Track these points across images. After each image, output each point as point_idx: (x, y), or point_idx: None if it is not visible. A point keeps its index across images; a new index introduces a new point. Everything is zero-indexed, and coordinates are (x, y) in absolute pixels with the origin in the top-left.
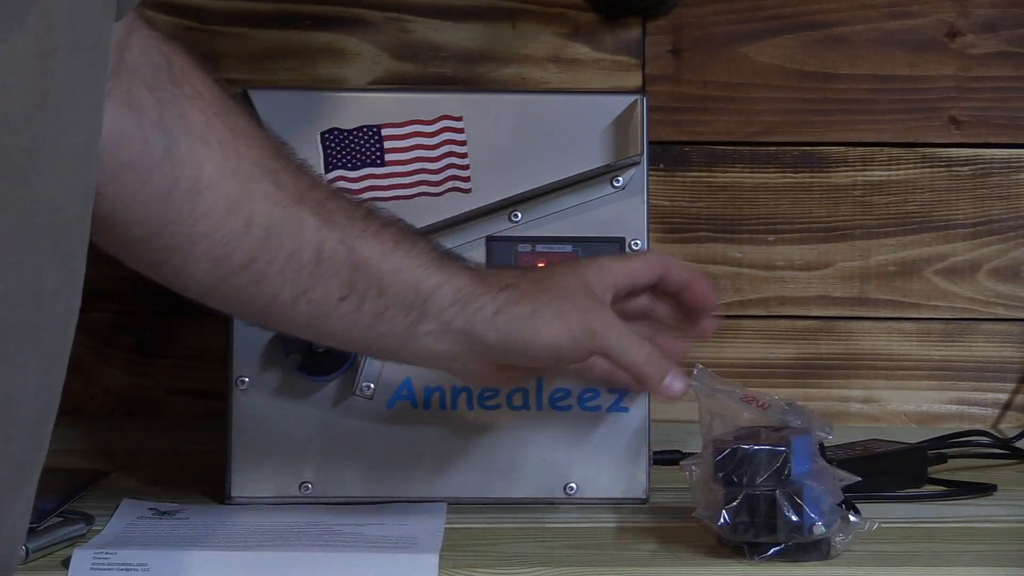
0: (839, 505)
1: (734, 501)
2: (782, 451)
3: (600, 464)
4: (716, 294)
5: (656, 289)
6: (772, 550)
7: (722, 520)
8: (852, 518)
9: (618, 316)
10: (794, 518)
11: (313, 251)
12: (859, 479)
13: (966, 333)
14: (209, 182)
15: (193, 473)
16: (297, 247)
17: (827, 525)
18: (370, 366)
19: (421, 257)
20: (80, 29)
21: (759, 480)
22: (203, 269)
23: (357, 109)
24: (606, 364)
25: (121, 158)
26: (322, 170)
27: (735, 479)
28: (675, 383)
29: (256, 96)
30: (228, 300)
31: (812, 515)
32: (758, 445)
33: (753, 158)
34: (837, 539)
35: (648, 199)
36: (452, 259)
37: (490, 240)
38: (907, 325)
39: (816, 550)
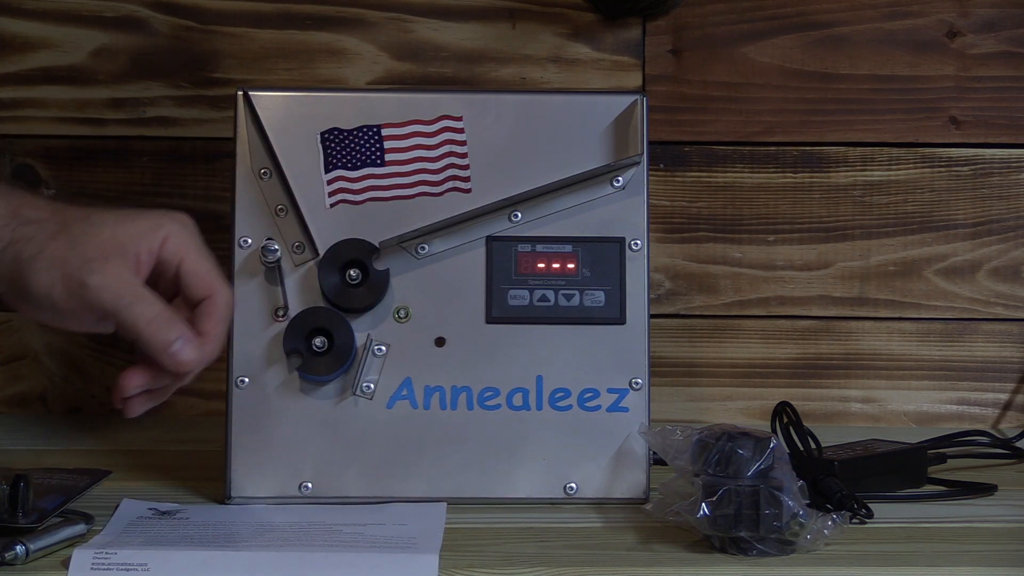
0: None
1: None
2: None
3: (600, 464)
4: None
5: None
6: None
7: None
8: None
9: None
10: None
11: None
12: None
13: (966, 333)
14: None
15: (193, 473)
16: None
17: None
18: (370, 366)
19: None
20: None
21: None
22: None
23: (357, 109)
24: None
25: None
26: (323, 170)
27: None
28: (184, 351)
29: (256, 96)
30: None
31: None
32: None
33: (753, 158)
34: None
35: (648, 199)
36: None
37: (490, 240)
38: (907, 325)
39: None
